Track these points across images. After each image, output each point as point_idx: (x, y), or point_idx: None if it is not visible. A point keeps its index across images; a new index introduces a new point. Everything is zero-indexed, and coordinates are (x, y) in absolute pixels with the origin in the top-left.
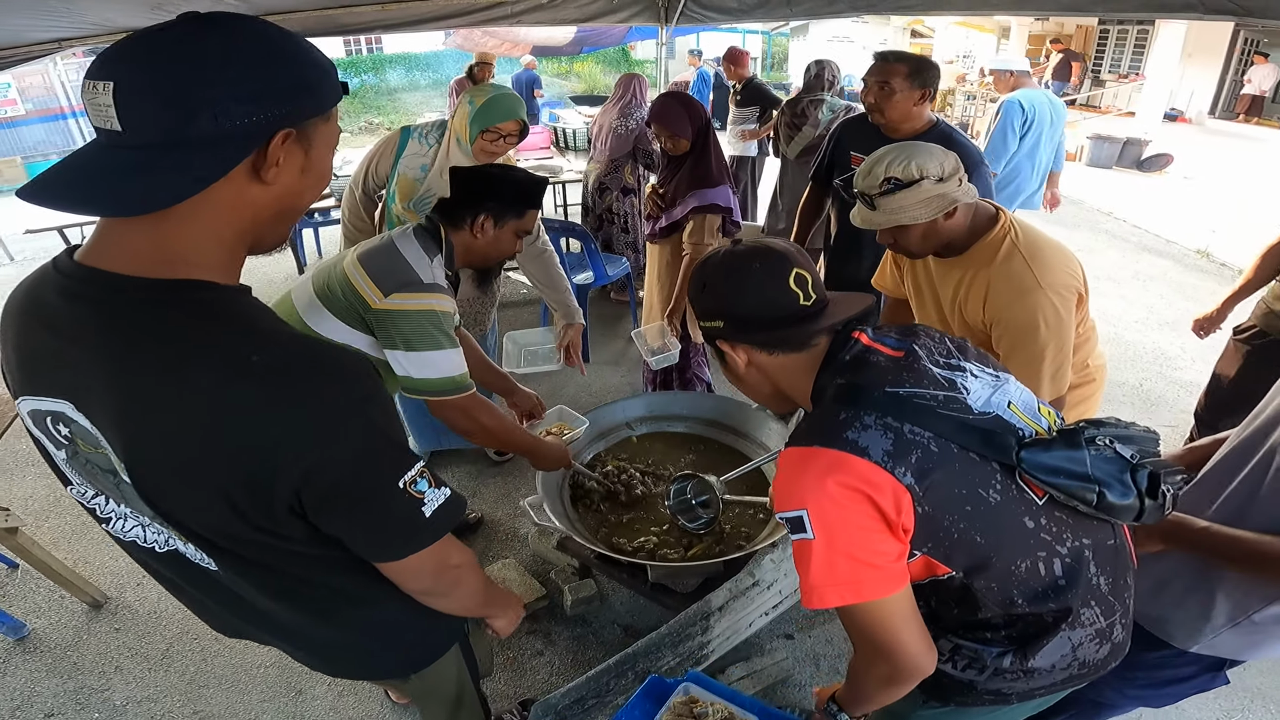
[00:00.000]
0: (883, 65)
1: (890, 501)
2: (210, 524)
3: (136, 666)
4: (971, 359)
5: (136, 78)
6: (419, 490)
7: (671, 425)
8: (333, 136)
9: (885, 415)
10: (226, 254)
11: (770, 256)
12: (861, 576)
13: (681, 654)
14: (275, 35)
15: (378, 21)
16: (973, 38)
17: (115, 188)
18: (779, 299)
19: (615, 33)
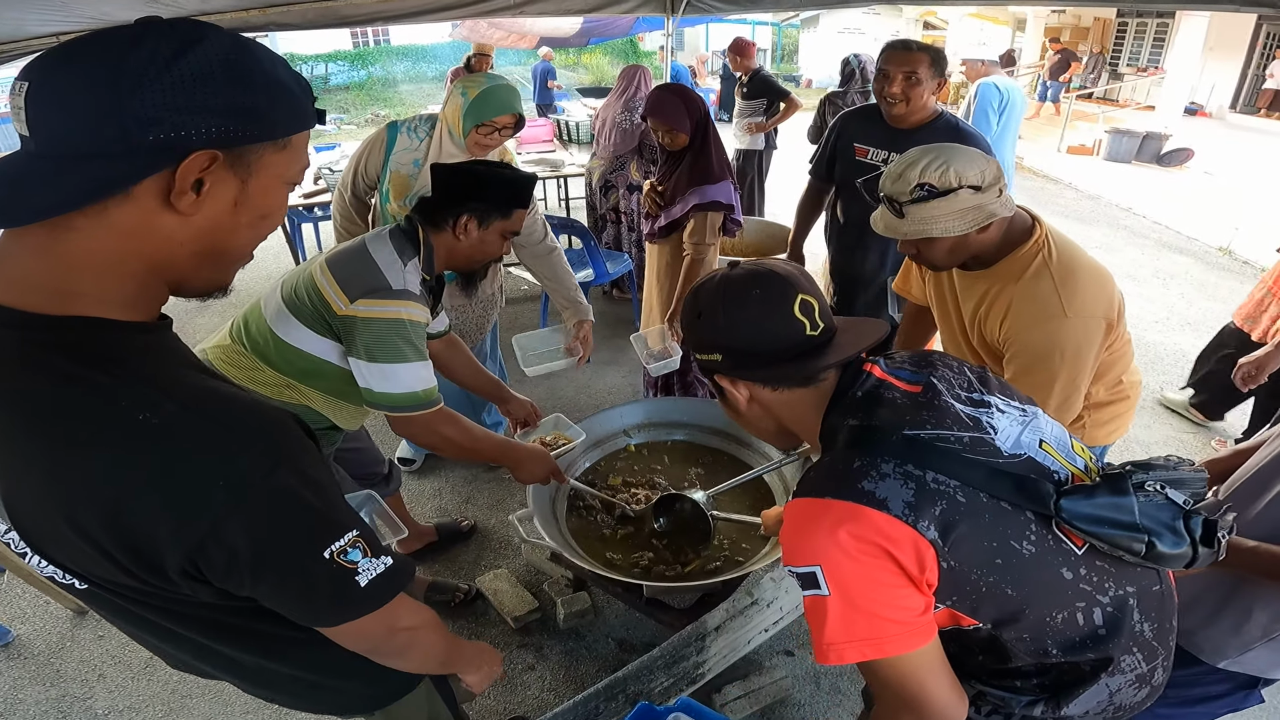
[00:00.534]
0: (906, 55)
1: (912, 557)
2: (110, 580)
3: (119, 675)
4: (995, 391)
5: (49, 80)
6: (349, 560)
7: (672, 433)
8: (287, 169)
9: (905, 463)
10: (134, 288)
11: (771, 282)
12: (883, 632)
13: (675, 674)
14: (227, 50)
15: (380, 13)
16: (987, 30)
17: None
18: (782, 329)
19: (622, 23)
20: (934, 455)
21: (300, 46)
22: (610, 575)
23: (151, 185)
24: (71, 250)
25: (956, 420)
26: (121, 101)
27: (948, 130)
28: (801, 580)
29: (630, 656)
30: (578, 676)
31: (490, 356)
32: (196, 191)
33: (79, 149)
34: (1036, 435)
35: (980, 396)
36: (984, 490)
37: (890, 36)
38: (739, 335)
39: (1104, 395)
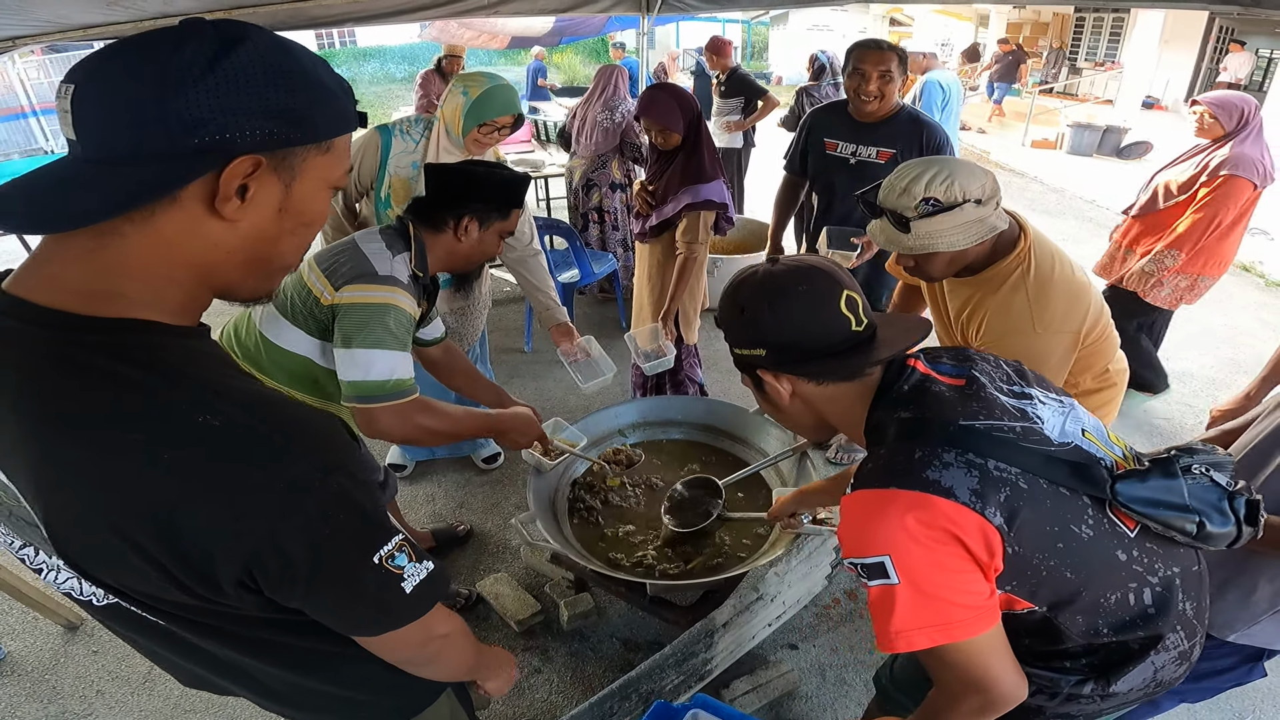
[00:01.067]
0: (880, 54)
1: (980, 543)
2: (149, 592)
3: (118, 690)
4: (1033, 383)
5: (93, 83)
6: (397, 565)
7: (667, 432)
8: (330, 172)
9: (966, 452)
10: (181, 294)
11: (816, 278)
12: (952, 617)
13: (685, 671)
14: (267, 51)
15: (349, 14)
16: (951, 25)
17: (40, 202)
18: (829, 325)
19: (594, 23)
20: (992, 444)
21: None
22: (615, 575)
23: (197, 190)
24: (117, 256)
25: (1005, 411)
26: (166, 104)
27: (910, 122)
28: (867, 571)
29: (635, 655)
30: (585, 677)
31: (480, 361)
32: (241, 197)
33: (124, 153)
34: (1078, 424)
35: (1021, 389)
36: (1043, 476)
37: (858, 33)
38: (785, 331)
39: (1092, 384)
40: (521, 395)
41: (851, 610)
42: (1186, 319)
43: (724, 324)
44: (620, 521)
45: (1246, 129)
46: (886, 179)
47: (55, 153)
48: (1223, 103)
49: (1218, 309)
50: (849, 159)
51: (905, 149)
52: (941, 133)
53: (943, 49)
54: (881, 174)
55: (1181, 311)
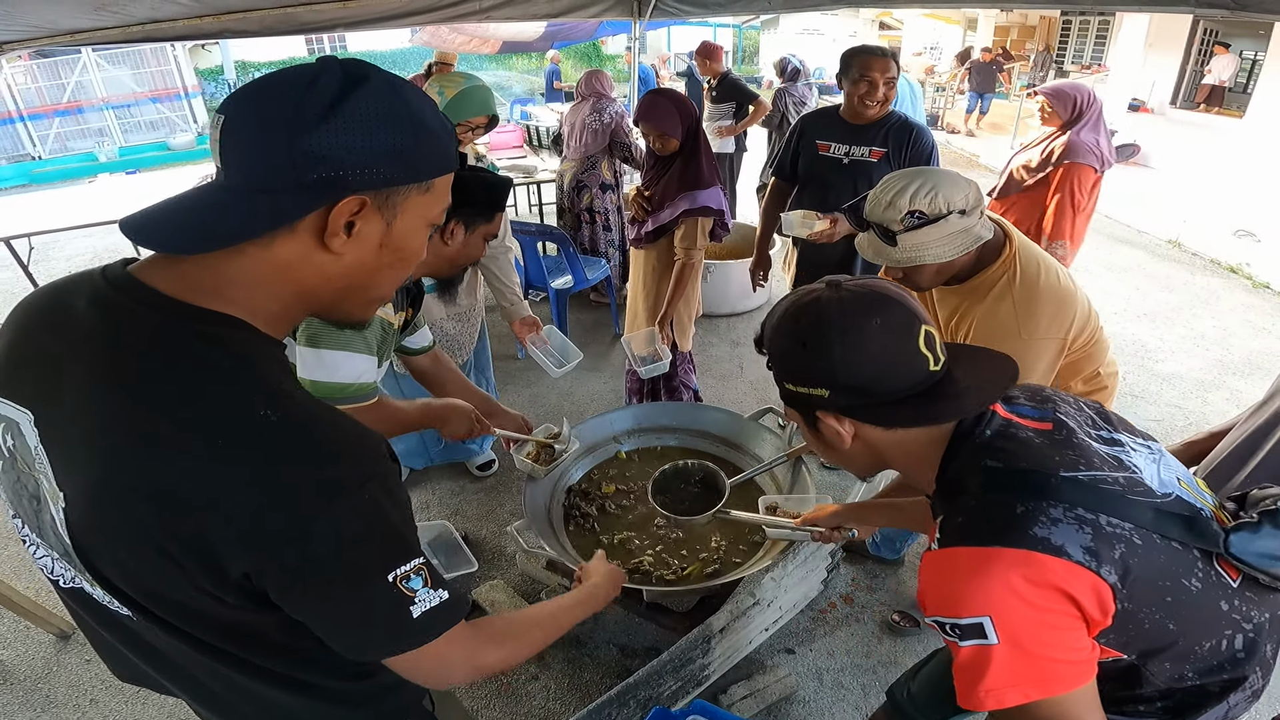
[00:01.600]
0: (885, 61)
1: (1094, 601)
2: (135, 576)
3: (112, 699)
4: (1119, 428)
5: (241, 115)
6: (410, 588)
7: (662, 438)
8: (429, 211)
9: (1074, 507)
10: (279, 308)
11: (892, 309)
12: (1051, 673)
13: (683, 677)
14: (384, 92)
15: (340, 19)
16: (940, 29)
17: (180, 225)
18: (907, 365)
19: (586, 27)
20: (1100, 497)
21: (253, 54)
22: None
23: (311, 223)
24: (237, 270)
25: (1104, 460)
26: (295, 139)
27: (900, 124)
28: (961, 632)
29: (632, 661)
30: (582, 684)
31: (482, 369)
32: (348, 233)
33: (258, 182)
34: (1172, 472)
35: (1110, 434)
36: (1155, 531)
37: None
38: (857, 370)
39: (1082, 388)
40: (515, 402)
41: (847, 614)
42: (1176, 322)
43: (777, 357)
44: (616, 528)
45: (1083, 118)
46: (871, 192)
47: (43, 159)
48: (1058, 93)
49: (1206, 311)
50: (842, 159)
51: (896, 149)
52: (930, 136)
53: (931, 52)
54: (874, 172)
55: (1174, 315)
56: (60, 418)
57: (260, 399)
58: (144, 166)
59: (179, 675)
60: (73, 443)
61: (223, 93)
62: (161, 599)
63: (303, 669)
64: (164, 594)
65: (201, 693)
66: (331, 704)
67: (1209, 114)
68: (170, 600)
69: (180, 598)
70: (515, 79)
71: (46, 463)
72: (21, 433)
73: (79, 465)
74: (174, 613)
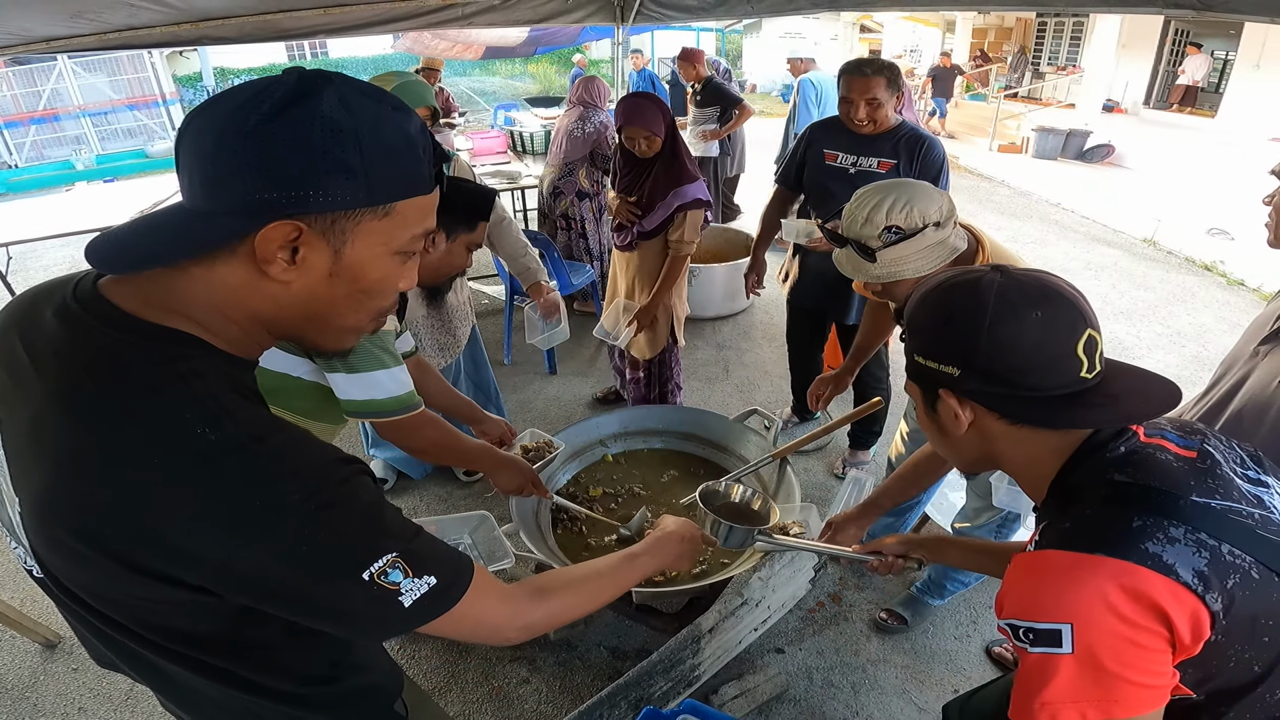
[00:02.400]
0: (865, 80)
1: (1189, 626)
2: (91, 590)
3: (100, 708)
4: (1269, 472)
5: (191, 133)
6: (391, 582)
7: (649, 441)
8: (393, 238)
9: (1198, 530)
10: (238, 331)
11: (1060, 305)
12: (1121, 695)
13: (673, 678)
14: (332, 107)
15: (321, 25)
16: (919, 32)
17: (123, 244)
18: (1059, 365)
19: (569, 33)
20: (1229, 527)
21: (232, 61)
22: None
23: (251, 247)
24: (186, 289)
25: (1243, 496)
26: (231, 159)
27: (910, 137)
28: (1035, 637)
29: (623, 663)
30: (573, 687)
31: (478, 369)
32: (291, 259)
33: (199, 203)
34: None
35: (1257, 475)
36: (1275, 569)
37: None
38: (1002, 358)
39: None
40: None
41: (836, 613)
42: (1153, 320)
43: (916, 326)
44: (604, 532)
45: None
46: (846, 208)
47: (19, 167)
48: None
49: (1182, 308)
50: (849, 169)
51: (907, 161)
52: (941, 149)
53: (911, 54)
54: None
55: (1150, 313)
56: (15, 427)
57: (200, 418)
58: (122, 174)
59: (143, 668)
60: (24, 452)
61: (202, 99)
62: (116, 605)
63: (262, 673)
64: (118, 600)
65: (166, 688)
66: (293, 707)
67: (1182, 114)
68: (123, 606)
69: (133, 604)
70: (497, 84)
71: (5, 467)
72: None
73: (28, 476)
74: (128, 618)
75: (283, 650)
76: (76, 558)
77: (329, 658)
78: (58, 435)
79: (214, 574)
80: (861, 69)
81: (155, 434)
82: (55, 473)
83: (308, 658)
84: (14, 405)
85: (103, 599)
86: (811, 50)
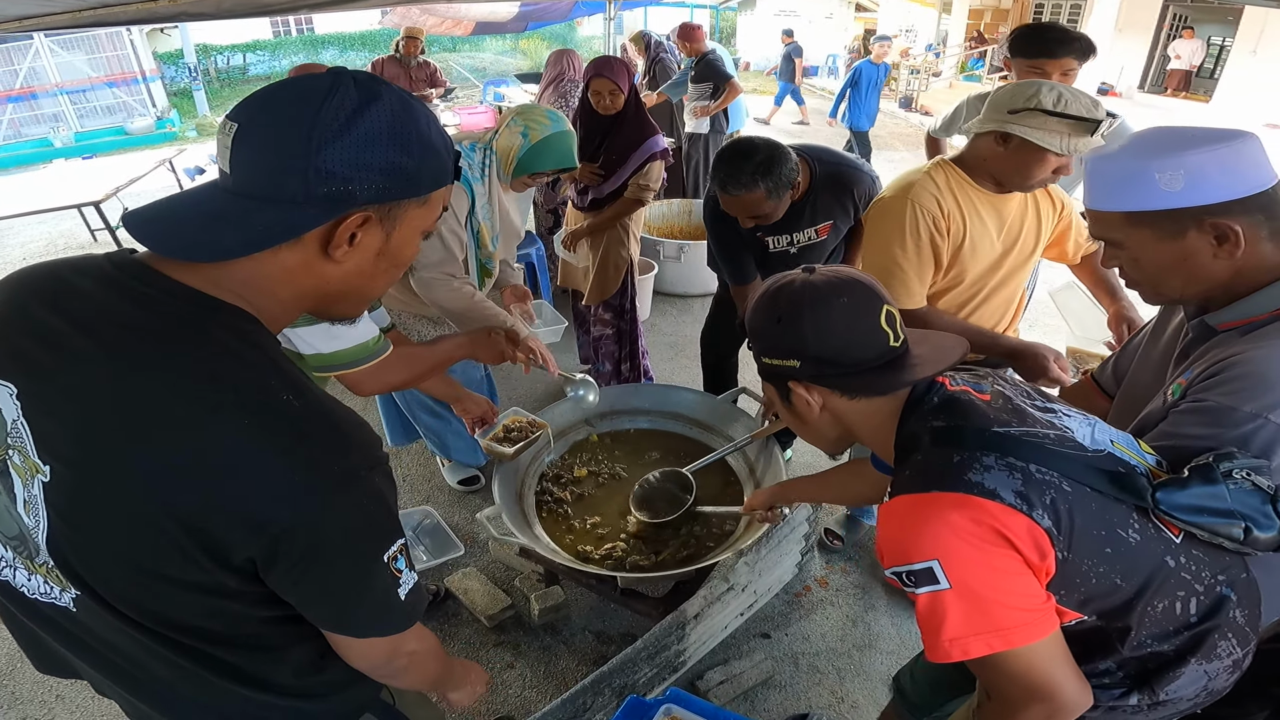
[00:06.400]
0: (736, 200)
1: (1030, 544)
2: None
3: (78, 695)
4: (1055, 402)
5: (254, 124)
6: (398, 568)
7: (635, 421)
8: (424, 221)
9: (1005, 455)
10: (279, 309)
11: (858, 290)
12: (1010, 621)
13: (658, 664)
14: (394, 110)
15: (304, 1)
16: (915, 12)
17: (186, 234)
18: (869, 339)
19: (561, 8)
20: (1030, 449)
21: (215, 36)
22: (585, 569)
23: (318, 233)
24: (245, 271)
25: (1036, 420)
26: (310, 155)
27: (833, 190)
28: (915, 578)
29: (608, 648)
30: (558, 671)
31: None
32: (350, 243)
33: (267, 193)
34: (1106, 434)
35: (1044, 404)
36: (1083, 482)
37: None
38: (825, 343)
39: None
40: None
41: (822, 598)
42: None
43: (756, 332)
44: (588, 513)
45: None
46: (1038, 95)
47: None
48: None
49: None
50: (789, 249)
51: (841, 214)
52: (865, 175)
53: (906, 35)
54: (827, 246)
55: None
56: (52, 391)
57: (284, 386)
58: (101, 151)
59: (114, 670)
60: (67, 416)
61: (183, 76)
62: (129, 584)
63: (256, 663)
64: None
65: (140, 687)
66: (285, 697)
67: (1176, 98)
68: (138, 587)
69: (151, 586)
70: (489, 60)
71: (27, 436)
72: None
73: (77, 439)
74: (133, 606)
75: (275, 640)
76: (130, 527)
77: (318, 648)
78: (129, 396)
79: (272, 543)
80: (728, 186)
81: (245, 398)
82: (130, 433)
83: (298, 648)
84: (47, 372)
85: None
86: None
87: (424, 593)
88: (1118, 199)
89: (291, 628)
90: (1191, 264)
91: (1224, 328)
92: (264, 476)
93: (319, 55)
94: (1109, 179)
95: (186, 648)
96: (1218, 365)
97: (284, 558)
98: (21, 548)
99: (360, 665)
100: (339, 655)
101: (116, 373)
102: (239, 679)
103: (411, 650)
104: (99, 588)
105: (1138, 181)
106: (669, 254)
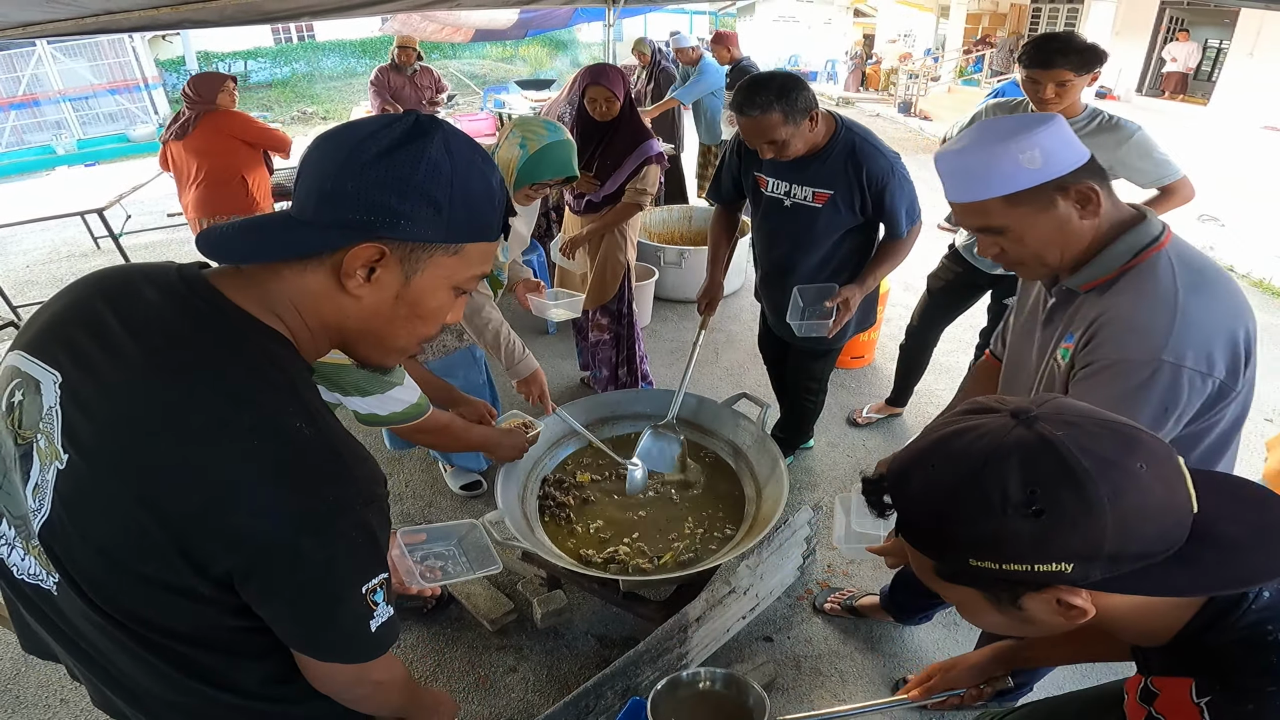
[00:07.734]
0: (752, 121)
1: None
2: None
3: (82, 700)
4: None
5: (315, 151)
6: (374, 601)
7: (637, 425)
8: (456, 274)
9: None
10: (308, 336)
11: (1142, 440)
12: None
13: (660, 667)
14: (436, 152)
15: (306, 8)
16: (913, 16)
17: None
18: (1178, 515)
19: (560, 15)
20: None
21: (217, 44)
22: (588, 573)
23: (337, 260)
24: (278, 290)
25: None
26: (341, 179)
27: (846, 157)
28: None
29: (611, 652)
30: (560, 675)
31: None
32: (367, 277)
33: (305, 214)
34: None
35: None
36: None
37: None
38: (1134, 534)
39: None
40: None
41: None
42: None
43: (986, 532)
44: (590, 518)
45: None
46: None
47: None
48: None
49: None
50: (783, 199)
51: (845, 190)
52: (885, 162)
53: (905, 39)
54: (820, 220)
55: None
56: (91, 386)
57: (299, 412)
58: (103, 159)
59: (86, 658)
60: (96, 411)
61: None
62: (118, 583)
63: (229, 667)
64: (123, 580)
65: (110, 678)
66: (252, 701)
67: (1174, 101)
68: (116, 582)
69: (135, 585)
70: (488, 67)
71: (57, 424)
72: (39, 392)
73: (98, 434)
74: (111, 594)
75: (246, 648)
76: (120, 523)
77: (290, 659)
78: (156, 403)
79: (250, 558)
80: (749, 107)
81: (261, 422)
82: (143, 433)
83: (269, 657)
84: (93, 367)
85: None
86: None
87: (395, 628)
88: (996, 185)
89: (263, 638)
90: (1066, 231)
91: (1086, 289)
92: (255, 496)
93: (320, 62)
94: (974, 171)
95: (155, 644)
96: (1093, 326)
97: (259, 574)
98: (23, 528)
99: (322, 688)
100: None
101: (149, 378)
102: (206, 679)
103: (377, 680)
104: (78, 576)
105: (1004, 166)
106: (670, 260)
